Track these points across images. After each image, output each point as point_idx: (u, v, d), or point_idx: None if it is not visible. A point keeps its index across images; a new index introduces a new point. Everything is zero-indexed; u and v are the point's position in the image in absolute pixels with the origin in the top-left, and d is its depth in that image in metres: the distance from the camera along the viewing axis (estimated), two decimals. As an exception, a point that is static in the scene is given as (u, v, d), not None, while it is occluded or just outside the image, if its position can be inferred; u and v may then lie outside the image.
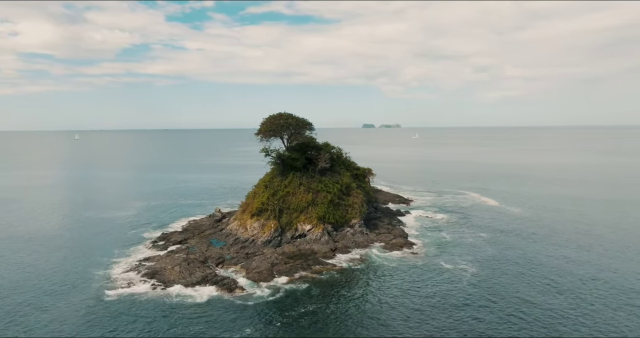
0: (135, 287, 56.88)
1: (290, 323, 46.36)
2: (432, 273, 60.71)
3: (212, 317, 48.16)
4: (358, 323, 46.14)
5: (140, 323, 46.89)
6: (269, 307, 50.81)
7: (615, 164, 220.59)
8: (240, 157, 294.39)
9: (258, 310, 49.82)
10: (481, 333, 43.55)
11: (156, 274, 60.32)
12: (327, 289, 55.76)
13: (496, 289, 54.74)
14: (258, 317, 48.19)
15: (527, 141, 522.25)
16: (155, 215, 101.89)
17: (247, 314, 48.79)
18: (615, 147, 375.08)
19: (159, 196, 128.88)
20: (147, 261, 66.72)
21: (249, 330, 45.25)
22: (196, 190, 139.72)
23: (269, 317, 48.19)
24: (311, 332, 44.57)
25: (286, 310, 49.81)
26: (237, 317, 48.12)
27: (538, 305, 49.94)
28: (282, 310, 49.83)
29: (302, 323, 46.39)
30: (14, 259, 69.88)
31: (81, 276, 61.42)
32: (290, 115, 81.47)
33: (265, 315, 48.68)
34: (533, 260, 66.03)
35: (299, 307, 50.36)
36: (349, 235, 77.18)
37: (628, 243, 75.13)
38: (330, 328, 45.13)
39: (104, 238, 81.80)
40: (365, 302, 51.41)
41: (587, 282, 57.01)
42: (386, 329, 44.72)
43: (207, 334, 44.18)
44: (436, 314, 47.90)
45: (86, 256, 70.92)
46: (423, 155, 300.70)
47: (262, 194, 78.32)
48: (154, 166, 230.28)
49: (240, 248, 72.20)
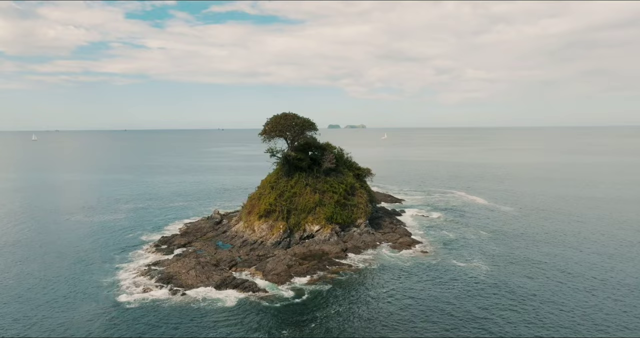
0: (153, 292, 55.05)
1: (323, 324, 46.00)
2: (448, 272, 61.58)
3: (244, 319, 47.22)
4: (390, 325, 46.28)
5: (167, 327, 45.49)
6: (297, 308, 50.26)
7: (581, 163, 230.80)
8: (214, 158, 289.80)
9: (288, 312, 49.21)
10: (510, 334, 44.61)
11: (172, 279, 58.54)
12: (350, 290, 55.68)
13: (514, 288, 56.08)
14: (290, 318, 47.57)
15: (494, 142, 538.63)
16: (146, 218, 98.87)
17: (280, 316, 48.11)
18: (576, 147, 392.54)
19: (143, 198, 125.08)
20: (157, 266, 64.66)
21: (285, 331, 44.68)
22: (180, 192, 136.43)
23: (300, 318, 47.65)
24: (346, 332, 44.36)
25: (315, 311, 49.43)
26: (269, 319, 47.39)
27: (558, 304, 51.64)
28: (312, 311, 49.41)
29: (334, 324, 46.10)
30: (8, 268, 66.17)
31: (89, 284, 58.79)
32: (294, 116, 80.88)
33: (297, 316, 48.11)
34: (539, 258, 68.19)
35: (328, 308, 50.07)
36: (356, 235, 77.35)
37: (623, 238, 78.80)
38: (363, 329, 45.02)
39: (99, 243, 78.63)
40: (390, 303, 51.61)
41: (599, 277, 59.44)
42: (419, 331, 45.07)
43: (246, 336, 43.34)
44: (465, 315, 48.67)
45: (86, 262, 67.96)
46: (397, 156, 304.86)
47: (269, 195, 77.40)
48: (126, 168, 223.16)
49: (250, 250, 71.08)
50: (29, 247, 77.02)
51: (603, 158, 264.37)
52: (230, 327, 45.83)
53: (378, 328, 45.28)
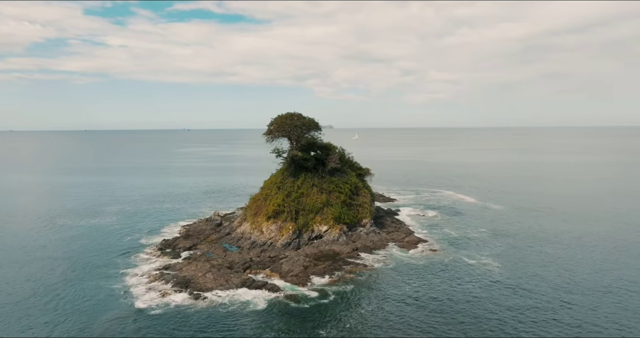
0: (172, 297, 53.41)
1: (355, 325, 45.82)
2: (462, 270, 62.44)
3: (278, 321, 46.55)
4: (423, 322, 46.65)
5: (201, 332, 44.17)
6: (326, 309, 49.90)
7: (549, 162, 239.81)
8: (188, 159, 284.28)
9: (318, 313, 48.79)
10: (543, 334, 45.85)
11: (189, 283, 56.97)
12: (373, 290, 55.67)
13: (531, 286, 57.48)
14: (322, 319, 47.19)
15: (464, 142, 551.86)
16: (139, 221, 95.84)
17: (311, 317, 47.64)
18: (541, 147, 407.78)
19: (128, 201, 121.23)
20: (169, 270, 62.76)
21: (322, 331, 44.36)
22: (164, 194, 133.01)
23: (331, 319, 47.32)
24: (380, 332, 44.37)
25: (344, 311, 49.19)
26: (301, 320, 46.90)
27: (574, 304, 53.42)
28: (341, 311, 49.12)
29: (367, 324, 46.01)
30: (8, 275, 62.75)
31: (100, 290, 56.38)
32: (300, 115, 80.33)
33: (328, 317, 47.76)
34: (545, 255, 70.37)
35: (356, 309, 49.94)
36: (363, 235, 77.55)
37: (620, 235, 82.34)
38: (397, 330, 45.12)
39: (96, 248, 75.61)
40: (417, 301, 51.94)
41: (603, 273, 61.87)
42: (453, 327, 45.66)
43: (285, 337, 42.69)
44: (493, 316, 49.63)
45: (88, 268, 65.14)
46: (374, 156, 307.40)
47: (276, 196, 76.55)
48: (98, 170, 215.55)
49: (260, 251, 70.09)
50: (20, 253, 73.24)
51: (567, 157, 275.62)
52: (264, 328, 45.06)
53: (412, 328, 45.50)
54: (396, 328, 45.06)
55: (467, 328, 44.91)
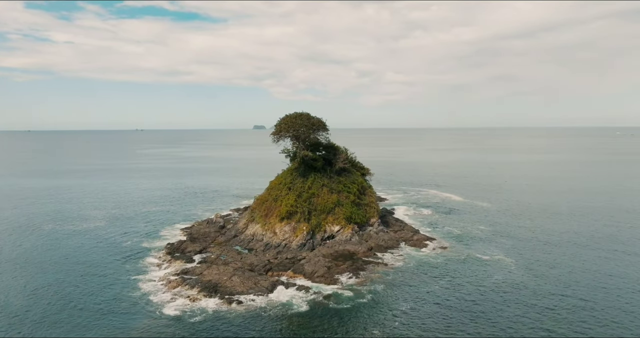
0: (204, 302, 51.76)
1: (406, 323, 46.14)
2: (481, 267, 63.97)
3: (328, 322, 46.11)
4: (469, 318, 47.57)
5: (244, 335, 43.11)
6: (368, 308, 49.83)
7: (513, 161, 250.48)
8: (155, 161, 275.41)
9: (364, 313, 48.65)
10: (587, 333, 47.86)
11: (216, 287, 55.33)
12: (405, 289, 55.77)
13: (554, 282, 59.86)
14: (371, 319, 47.11)
15: (426, 142, 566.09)
16: (132, 225, 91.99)
17: (359, 317, 47.46)
18: (500, 146, 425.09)
19: (112, 204, 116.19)
20: (188, 274, 60.68)
21: (376, 330, 44.29)
22: (147, 197, 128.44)
23: (379, 318, 47.36)
24: (428, 330, 44.91)
25: (389, 310, 49.33)
26: (351, 320, 46.65)
27: (595, 301, 56.12)
28: (385, 310, 49.25)
29: (415, 323, 46.42)
30: (14, 283, 58.72)
31: (119, 300, 53.54)
32: (308, 115, 79.79)
33: (375, 316, 47.75)
34: (551, 250, 73.41)
35: (398, 307, 50.11)
36: (373, 234, 78.00)
37: (610, 232, 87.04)
38: (441, 330, 45.81)
39: (98, 254, 71.98)
40: (451, 300, 52.63)
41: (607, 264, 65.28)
42: (496, 323, 46.85)
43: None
44: (528, 310, 51.30)
45: (97, 276, 61.64)
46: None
47: (287, 197, 75.63)
48: (58, 173, 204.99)
49: (276, 253, 69.04)
50: (21, 260, 68.64)
51: (530, 156, 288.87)
52: (315, 329, 44.49)
53: (456, 324, 46.28)
54: (443, 330, 45.63)
55: (513, 328, 46.14)
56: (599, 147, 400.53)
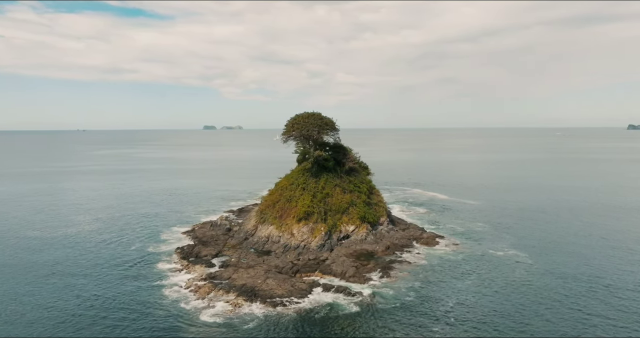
0: (245, 307, 50.25)
1: (462, 317, 46.94)
2: (500, 262, 65.72)
3: (387, 322, 46.11)
4: (515, 310, 49.14)
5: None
6: (418, 306, 50.13)
7: (472, 160, 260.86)
8: (116, 162, 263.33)
9: (415, 310, 48.95)
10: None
11: (254, 291, 53.91)
12: (441, 285, 56.60)
13: (575, 275, 62.98)
14: (427, 315, 47.49)
15: (390, 142, 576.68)
16: (128, 229, 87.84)
17: (414, 315, 47.74)
18: (457, 146, 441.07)
19: (95, 208, 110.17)
20: (215, 279, 58.64)
21: (436, 328, 44.81)
22: (129, 200, 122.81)
23: (434, 314, 47.86)
24: (489, 325, 46.06)
25: (439, 306, 50.09)
26: (404, 318, 46.85)
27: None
28: (436, 307, 49.82)
29: (471, 316, 47.31)
30: (26, 298, 54.51)
31: (150, 307, 51.18)
32: (320, 115, 79.35)
33: (430, 313, 48.17)
34: (555, 243, 77.12)
35: (446, 303, 50.98)
36: (385, 233, 78.71)
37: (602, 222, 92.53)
38: (496, 319, 47.06)
39: (106, 260, 68.21)
40: (489, 293, 54.14)
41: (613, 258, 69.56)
42: (541, 318, 48.77)
43: None
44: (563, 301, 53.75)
45: (117, 283, 58.50)
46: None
47: (303, 197, 74.79)
48: (20, 175, 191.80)
49: (297, 255, 68.13)
50: (25, 269, 63.73)
51: (486, 156, 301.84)
52: (379, 329, 44.35)
53: (508, 316, 47.66)
54: (498, 321, 46.88)
55: (562, 320, 48.16)
56: (550, 147, 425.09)
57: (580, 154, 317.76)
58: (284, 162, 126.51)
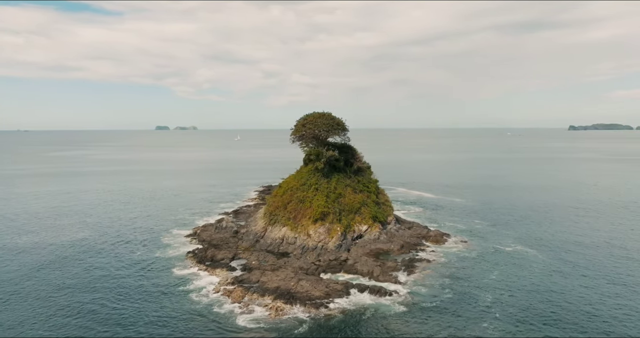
0: (288, 311, 49.34)
1: (504, 313, 48.17)
2: (512, 257, 67.92)
3: (433, 320, 46.55)
4: (546, 301, 51.05)
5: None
6: (459, 303, 50.96)
7: (437, 160, 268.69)
8: (76, 164, 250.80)
9: (459, 307, 49.71)
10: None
11: (290, 293, 53.04)
12: (471, 282, 57.78)
13: (580, 265, 66.13)
14: (471, 312, 48.34)
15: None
16: (124, 234, 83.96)
17: (459, 312, 48.45)
18: (410, 146, 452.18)
19: (77, 211, 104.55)
20: (243, 282, 57.19)
21: (485, 324, 45.78)
22: (110, 203, 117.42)
23: (475, 310, 48.83)
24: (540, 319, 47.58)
25: (477, 302, 51.04)
26: (453, 315, 47.53)
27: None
28: (475, 302, 50.82)
29: (512, 310, 48.68)
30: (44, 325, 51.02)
31: (187, 313, 49.39)
32: (330, 115, 79.08)
33: (471, 309, 49.03)
34: (555, 237, 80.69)
35: (483, 298, 52.17)
36: (394, 232, 79.50)
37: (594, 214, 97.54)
38: (540, 313, 48.85)
39: (115, 267, 64.97)
40: (519, 287, 55.83)
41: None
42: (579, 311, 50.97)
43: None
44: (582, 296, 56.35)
45: (131, 295, 55.13)
46: (284, 156, 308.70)
47: (317, 198, 74.20)
48: None
49: (317, 255, 67.58)
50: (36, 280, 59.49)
51: (453, 155, 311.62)
52: (429, 328, 44.76)
53: (545, 307, 49.44)
54: (541, 317, 48.50)
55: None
56: (506, 146, 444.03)
57: (535, 153, 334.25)
58: (255, 163, 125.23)
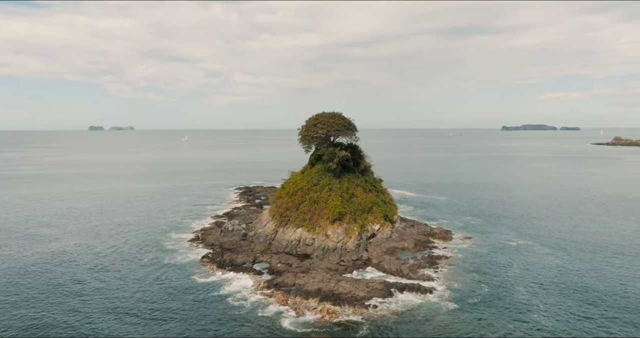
0: (340, 313, 48.86)
1: (548, 302, 50.48)
2: (521, 252, 70.66)
3: (487, 317, 47.80)
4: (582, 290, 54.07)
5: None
6: (502, 298, 52.38)
7: (401, 158, 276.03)
8: (19, 167, 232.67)
9: (505, 302, 51.28)
10: None
11: (333, 295, 52.59)
12: (498, 275, 60.08)
13: (583, 255, 70.51)
14: (515, 305, 50.07)
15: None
16: (123, 241, 79.26)
17: (504, 306, 50.01)
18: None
19: (59, 216, 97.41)
20: (279, 286, 55.93)
21: (535, 315, 47.76)
22: (85, 207, 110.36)
23: (521, 304, 50.55)
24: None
25: (516, 296, 52.78)
26: (497, 310, 49.07)
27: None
28: (514, 297, 52.45)
29: (552, 299, 51.05)
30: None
31: (235, 320, 47.88)
32: (341, 115, 78.93)
33: (517, 304, 50.62)
34: (553, 231, 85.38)
35: (520, 290, 54.37)
36: (402, 231, 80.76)
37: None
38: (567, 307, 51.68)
39: (131, 278, 61.28)
40: (543, 280, 58.55)
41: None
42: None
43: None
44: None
45: (164, 304, 53.09)
46: (236, 157, 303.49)
47: (332, 198, 73.76)
48: None
49: (339, 256, 67.31)
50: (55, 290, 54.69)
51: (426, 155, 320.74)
52: (490, 327, 46.01)
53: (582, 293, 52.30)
54: (582, 306, 51.24)
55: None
56: (453, 146, 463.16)
57: (485, 153, 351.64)
58: (216, 164, 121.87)
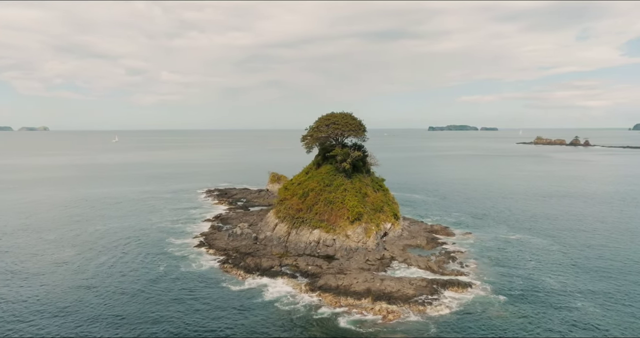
0: (399, 312, 49.17)
1: (586, 290, 54.07)
2: (525, 247, 74.22)
3: (536, 311, 50.22)
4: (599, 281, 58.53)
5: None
6: (535, 290, 55.11)
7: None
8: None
9: (542, 294, 53.86)
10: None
11: (385, 294, 52.80)
12: (522, 268, 63.40)
13: (584, 247, 76.18)
14: (557, 297, 52.98)
15: (258, 143, 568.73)
16: (127, 248, 73.74)
17: (547, 298, 52.78)
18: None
19: (48, 222, 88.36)
20: (326, 288, 55.03)
21: (579, 303, 51.03)
22: (79, 214, 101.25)
23: (558, 295, 53.58)
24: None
25: (552, 288, 55.79)
26: (543, 302, 51.74)
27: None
28: (551, 289, 55.29)
29: (586, 287, 54.75)
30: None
31: (292, 325, 46.66)
32: (352, 116, 78.83)
33: (553, 295, 53.51)
34: (550, 225, 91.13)
35: (548, 284, 57.08)
36: (408, 228, 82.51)
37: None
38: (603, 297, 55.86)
39: (162, 289, 57.38)
40: (571, 274, 62.40)
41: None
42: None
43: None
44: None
45: (212, 314, 50.60)
46: (184, 159, 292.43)
47: (348, 199, 73.50)
48: None
49: (364, 255, 67.39)
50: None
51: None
52: (556, 316, 48.43)
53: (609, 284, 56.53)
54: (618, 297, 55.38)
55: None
56: (394, 145, 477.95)
57: (427, 152, 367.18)
58: (166, 167, 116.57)
